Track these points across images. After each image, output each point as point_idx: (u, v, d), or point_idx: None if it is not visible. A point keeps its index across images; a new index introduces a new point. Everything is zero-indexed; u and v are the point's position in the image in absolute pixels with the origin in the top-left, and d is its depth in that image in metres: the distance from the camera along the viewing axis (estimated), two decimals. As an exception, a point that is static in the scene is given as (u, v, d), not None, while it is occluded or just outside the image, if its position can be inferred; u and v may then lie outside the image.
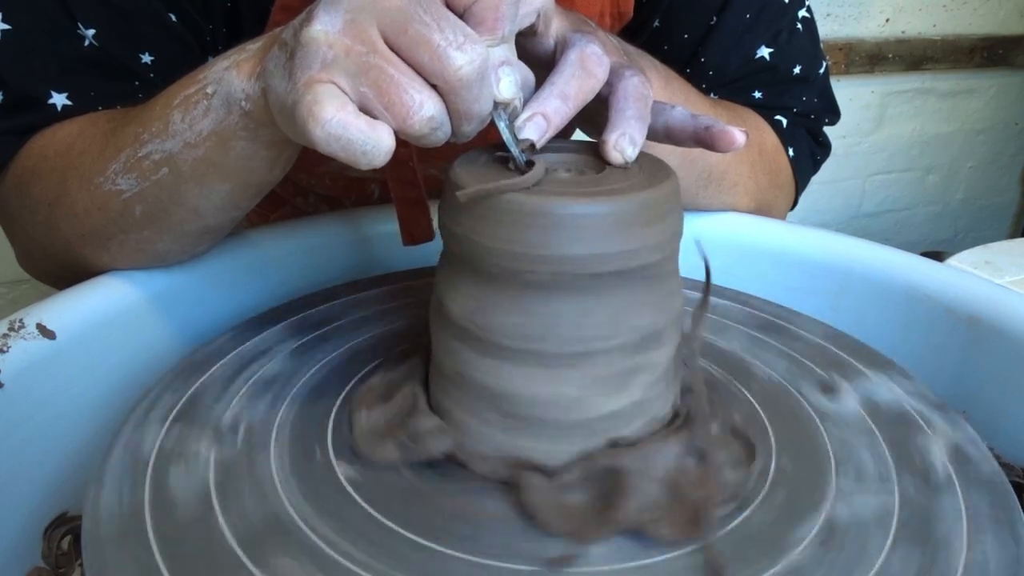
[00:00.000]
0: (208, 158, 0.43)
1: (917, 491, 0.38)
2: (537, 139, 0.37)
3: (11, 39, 0.52)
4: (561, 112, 0.37)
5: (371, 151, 0.33)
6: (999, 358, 0.51)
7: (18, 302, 1.03)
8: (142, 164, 0.45)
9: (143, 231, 0.49)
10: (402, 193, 0.58)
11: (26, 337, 0.45)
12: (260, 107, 0.39)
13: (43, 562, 0.42)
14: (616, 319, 0.35)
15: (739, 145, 0.40)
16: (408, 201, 0.59)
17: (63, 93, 0.53)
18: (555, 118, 0.37)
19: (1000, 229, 2.34)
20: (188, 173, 0.44)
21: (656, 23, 0.70)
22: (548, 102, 0.37)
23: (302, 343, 0.49)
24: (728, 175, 0.65)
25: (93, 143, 0.49)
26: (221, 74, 0.41)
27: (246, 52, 0.41)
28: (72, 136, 0.52)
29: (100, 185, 0.47)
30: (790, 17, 0.70)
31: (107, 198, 0.47)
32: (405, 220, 0.59)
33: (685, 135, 0.41)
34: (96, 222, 0.49)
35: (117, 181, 0.46)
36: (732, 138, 0.40)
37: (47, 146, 0.53)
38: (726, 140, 0.40)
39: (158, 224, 0.48)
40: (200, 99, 0.42)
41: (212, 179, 0.44)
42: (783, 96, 0.71)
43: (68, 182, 0.50)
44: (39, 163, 0.53)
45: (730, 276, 0.61)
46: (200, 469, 0.37)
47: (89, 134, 0.51)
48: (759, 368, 0.49)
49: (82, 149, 0.50)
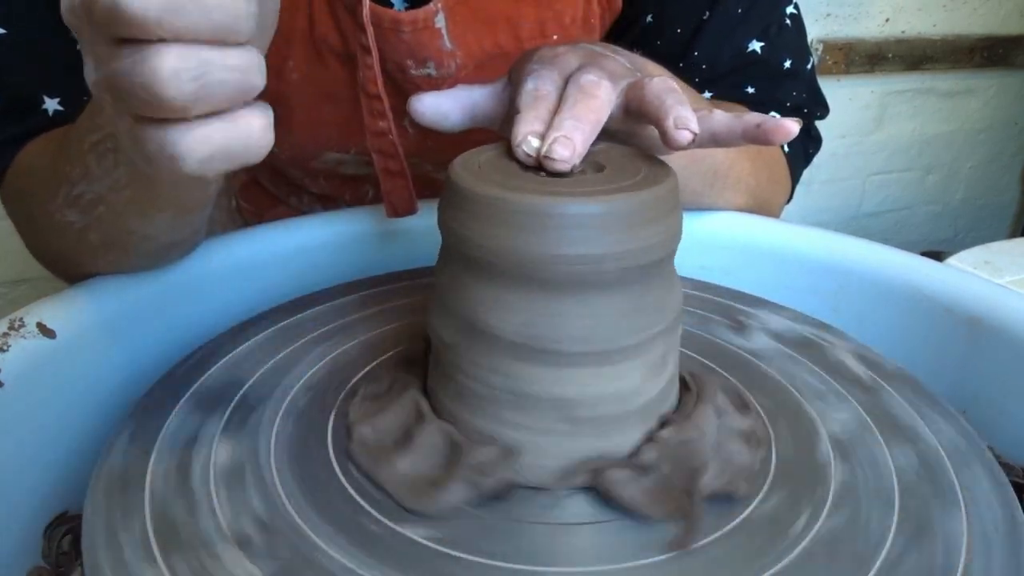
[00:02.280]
0: (136, 198, 0.42)
1: (864, 396, 0.44)
2: (568, 157, 0.37)
3: (4, 44, 0.52)
4: (579, 129, 0.38)
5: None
6: (999, 358, 0.51)
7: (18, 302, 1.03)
8: (79, 202, 0.44)
9: (107, 255, 0.49)
10: (384, 165, 0.59)
11: (26, 336, 0.45)
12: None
13: (43, 562, 0.42)
14: (661, 304, 0.37)
15: (795, 134, 0.40)
16: (390, 172, 0.59)
17: (55, 99, 0.53)
18: (575, 134, 0.37)
19: (1000, 229, 2.34)
20: (123, 210, 0.43)
21: (649, 18, 0.71)
22: (562, 124, 0.38)
23: (228, 420, 0.41)
24: (732, 173, 0.65)
25: (44, 171, 0.49)
26: (116, 125, 0.34)
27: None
28: (32, 159, 0.52)
29: (52, 214, 0.47)
30: (780, 11, 0.71)
31: (63, 228, 0.47)
32: (387, 191, 0.60)
33: (734, 136, 0.41)
34: (62, 245, 0.49)
35: (65, 213, 0.46)
36: (788, 128, 0.39)
37: (20, 164, 0.53)
38: (783, 131, 0.39)
39: (117, 248, 0.48)
40: (107, 151, 0.39)
41: (149, 213, 0.43)
42: (775, 90, 0.72)
43: (32, 207, 0.50)
44: (13, 180, 0.53)
45: (730, 276, 0.61)
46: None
47: (40, 163, 0.50)
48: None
49: (39, 177, 0.50)
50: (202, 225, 0.51)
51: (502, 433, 0.37)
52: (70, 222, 0.46)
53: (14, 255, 0.61)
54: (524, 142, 0.38)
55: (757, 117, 0.41)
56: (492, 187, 0.35)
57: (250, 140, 0.30)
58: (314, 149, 0.66)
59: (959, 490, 0.37)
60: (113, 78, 0.28)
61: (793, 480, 0.38)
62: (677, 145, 0.38)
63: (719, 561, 0.33)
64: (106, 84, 0.29)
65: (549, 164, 0.37)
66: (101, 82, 0.29)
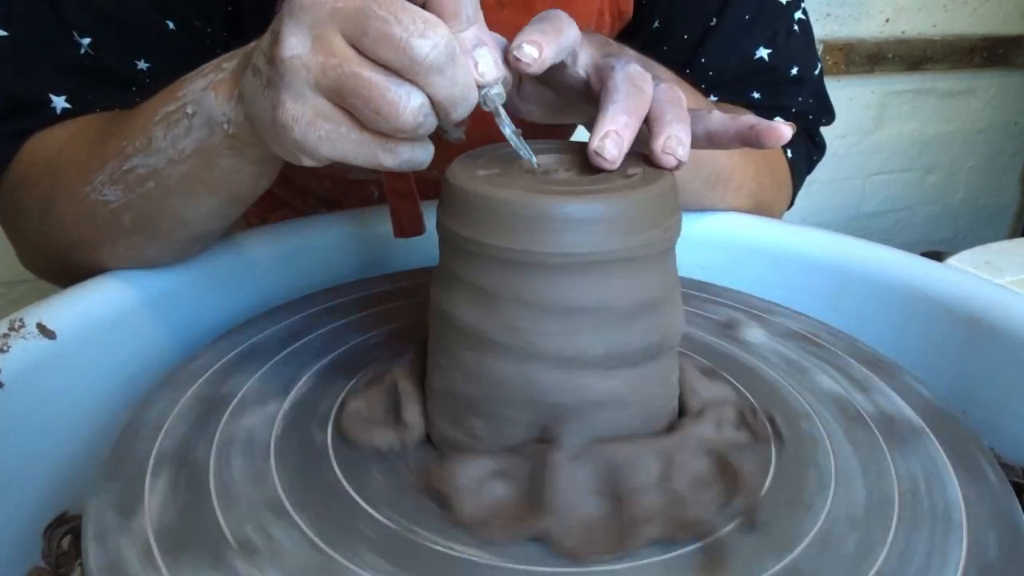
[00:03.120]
0: (193, 174, 0.43)
1: (852, 384, 0.46)
2: (618, 154, 0.37)
3: (7, 46, 0.52)
4: (630, 127, 0.37)
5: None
6: (999, 358, 0.51)
7: (18, 302, 1.03)
8: (127, 177, 0.45)
9: (132, 238, 0.49)
10: (393, 185, 0.59)
11: (26, 337, 0.45)
12: (245, 130, 0.39)
13: (43, 562, 0.42)
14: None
15: (787, 138, 0.40)
16: (398, 193, 0.59)
17: (61, 96, 0.53)
18: (626, 132, 0.37)
19: (1000, 229, 2.34)
20: (174, 187, 0.44)
21: (656, 23, 0.71)
22: (617, 119, 0.37)
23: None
24: (735, 176, 0.65)
25: (79, 153, 0.49)
26: (199, 95, 0.40)
27: (223, 72, 0.40)
28: (60, 143, 0.52)
29: (87, 195, 0.47)
30: (787, 18, 0.70)
31: (94, 207, 0.47)
32: (396, 212, 0.60)
33: (728, 136, 0.41)
34: (84, 230, 0.50)
35: (103, 191, 0.46)
36: (780, 132, 0.40)
37: (37, 152, 0.53)
38: (774, 135, 0.40)
39: (147, 232, 0.49)
40: (180, 118, 0.41)
41: (199, 192, 0.44)
42: (781, 96, 0.72)
43: (55, 191, 0.50)
44: (29, 169, 0.53)
45: (730, 276, 0.61)
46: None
47: (76, 143, 0.51)
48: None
49: (68, 159, 0.50)
50: (228, 224, 0.51)
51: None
52: (105, 201, 0.46)
53: (15, 255, 0.61)
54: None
55: (751, 119, 0.41)
56: (490, 187, 0.35)
57: (415, 164, 0.36)
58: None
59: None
60: (356, 80, 0.33)
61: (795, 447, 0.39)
62: (660, 166, 0.38)
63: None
64: (335, 77, 0.33)
65: (598, 162, 0.37)
66: (320, 66, 0.33)
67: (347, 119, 0.35)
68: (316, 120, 0.34)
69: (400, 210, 0.60)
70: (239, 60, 0.40)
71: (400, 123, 0.33)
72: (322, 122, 0.34)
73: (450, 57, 0.33)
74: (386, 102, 0.33)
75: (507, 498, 0.35)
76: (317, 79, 0.33)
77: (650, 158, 0.38)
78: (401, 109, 0.33)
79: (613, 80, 0.39)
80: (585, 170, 0.39)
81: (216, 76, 0.40)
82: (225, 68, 0.40)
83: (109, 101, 0.54)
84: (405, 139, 0.35)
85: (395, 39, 0.32)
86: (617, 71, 0.39)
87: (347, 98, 0.33)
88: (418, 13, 0.33)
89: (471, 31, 0.35)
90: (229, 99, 0.39)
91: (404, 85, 0.33)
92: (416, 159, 0.36)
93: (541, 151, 0.40)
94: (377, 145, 0.35)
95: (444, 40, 0.33)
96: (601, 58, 0.41)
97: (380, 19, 0.32)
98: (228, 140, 0.40)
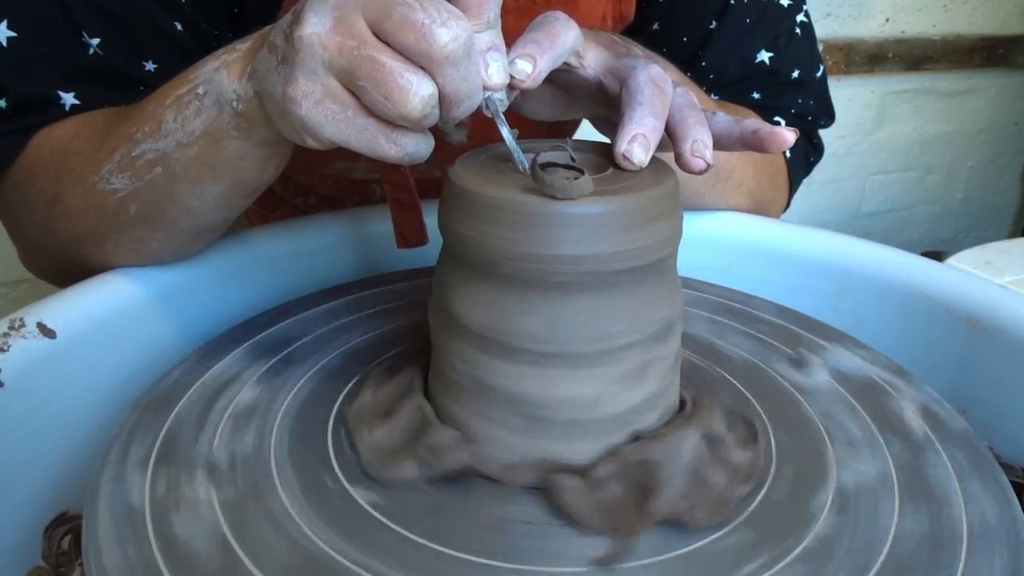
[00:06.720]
0: (201, 158, 0.43)
1: (905, 452, 0.41)
2: (646, 157, 0.37)
3: (17, 46, 0.52)
4: (657, 130, 0.38)
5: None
6: (999, 358, 0.51)
7: (18, 302, 1.03)
8: (136, 163, 0.45)
9: (137, 230, 0.49)
10: (395, 196, 0.59)
11: (26, 336, 0.45)
12: (253, 108, 0.39)
13: (43, 562, 0.42)
14: (636, 314, 0.36)
15: (790, 143, 0.40)
16: (401, 204, 0.59)
17: (70, 93, 0.54)
18: (652, 136, 0.37)
19: (1000, 229, 2.34)
20: (181, 173, 0.44)
21: (655, 25, 0.70)
22: (645, 122, 0.38)
23: (269, 367, 0.46)
24: (734, 175, 0.65)
25: (88, 143, 0.50)
26: (211, 75, 0.41)
27: (236, 52, 0.41)
28: (68, 136, 0.52)
29: (95, 185, 0.48)
30: (789, 21, 0.70)
31: (102, 197, 0.48)
32: (398, 223, 0.60)
33: (731, 140, 0.42)
34: (91, 222, 0.50)
35: (111, 180, 0.47)
36: (783, 138, 0.40)
37: (43, 145, 0.53)
38: (777, 140, 0.40)
39: (152, 223, 0.49)
40: (191, 99, 0.42)
41: (205, 179, 0.45)
42: (781, 97, 0.72)
43: (63, 182, 0.50)
44: (36, 162, 0.53)
45: (730, 276, 0.61)
46: (206, 513, 0.35)
47: (84, 134, 0.51)
48: (729, 350, 0.50)
49: (77, 149, 0.50)
50: (233, 217, 0.51)
51: (470, 422, 0.38)
52: (113, 190, 0.47)
53: (15, 255, 0.61)
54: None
55: (755, 123, 0.41)
56: (492, 187, 0.35)
57: (415, 156, 0.37)
58: (325, 158, 0.66)
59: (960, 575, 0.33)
60: (371, 63, 0.33)
61: (768, 524, 0.35)
62: (688, 170, 0.38)
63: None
64: (351, 58, 0.33)
65: (626, 165, 0.37)
66: (336, 45, 0.34)
67: (355, 103, 0.35)
68: (324, 100, 0.35)
69: (402, 221, 0.60)
70: (253, 40, 0.41)
71: (407, 110, 0.33)
72: (330, 102, 0.35)
73: (466, 52, 0.34)
74: (397, 87, 0.33)
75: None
76: (332, 58, 0.34)
77: (677, 162, 0.39)
78: (411, 96, 0.33)
79: (636, 81, 0.39)
80: (591, 170, 0.39)
81: (229, 56, 0.41)
82: (239, 49, 0.41)
83: (116, 102, 0.54)
84: (408, 129, 0.35)
85: (417, 24, 0.33)
86: (639, 72, 0.39)
87: (359, 80, 0.34)
88: (444, 5, 0.33)
89: (488, 34, 0.36)
90: (240, 77, 0.40)
91: (417, 73, 0.33)
92: (418, 151, 0.36)
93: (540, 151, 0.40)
94: (380, 133, 0.35)
95: (465, 34, 0.33)
96: (614, 59, 0.41)
97: (405, 4, 0.33)
98: (235, 120, 0.41)
